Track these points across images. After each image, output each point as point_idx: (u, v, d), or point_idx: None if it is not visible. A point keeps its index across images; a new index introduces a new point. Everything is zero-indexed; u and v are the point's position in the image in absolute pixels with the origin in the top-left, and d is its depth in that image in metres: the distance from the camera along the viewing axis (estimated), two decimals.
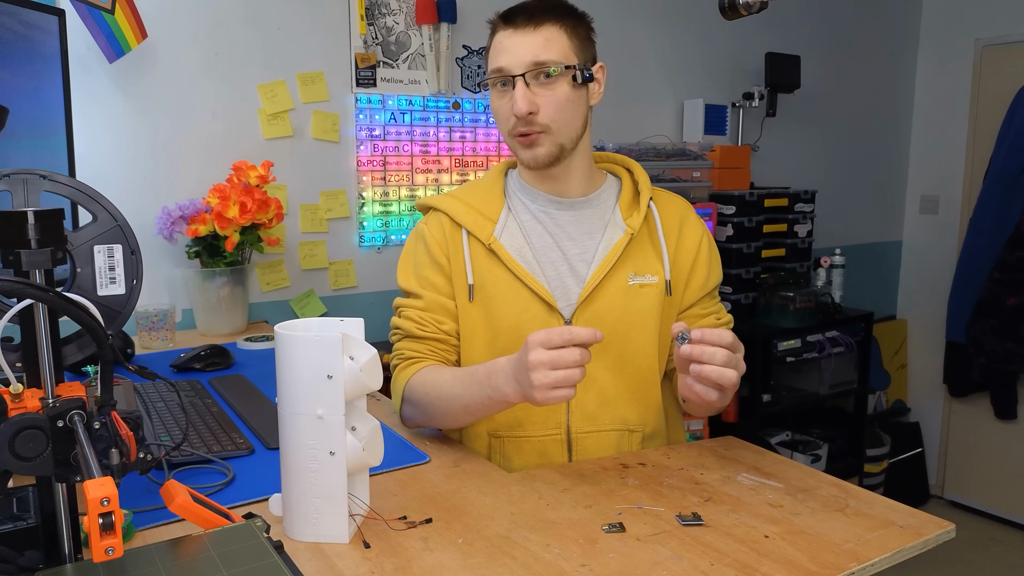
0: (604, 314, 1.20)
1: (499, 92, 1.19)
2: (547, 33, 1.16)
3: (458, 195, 1.29)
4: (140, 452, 0.68)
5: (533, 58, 1.14)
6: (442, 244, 1.25)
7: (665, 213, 1.27)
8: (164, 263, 1.99)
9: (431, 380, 1.17)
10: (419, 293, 1.25)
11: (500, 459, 1.22)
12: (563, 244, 1.24)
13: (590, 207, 1.26)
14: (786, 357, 2.71)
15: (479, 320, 1.22)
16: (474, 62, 2.43)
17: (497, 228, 1.24)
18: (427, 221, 1.29)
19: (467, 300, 1.22)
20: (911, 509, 0.97)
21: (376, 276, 2.34)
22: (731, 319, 1.31)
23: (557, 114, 1.17)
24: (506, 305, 1.21)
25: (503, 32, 1.18)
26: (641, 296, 1.22)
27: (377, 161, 2.28)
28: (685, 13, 2.89)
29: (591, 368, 1.19)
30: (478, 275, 1.22)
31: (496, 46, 1.19)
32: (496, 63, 1.18)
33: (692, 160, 2.71)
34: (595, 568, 0.82)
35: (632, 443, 1.23)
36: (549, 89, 1.16)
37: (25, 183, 0.80)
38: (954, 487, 3.61)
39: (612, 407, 1.22)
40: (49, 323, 0.71)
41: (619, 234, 1.23)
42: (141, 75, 1.93)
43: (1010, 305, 3.04)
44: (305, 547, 0.86)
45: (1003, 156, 3.17)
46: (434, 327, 1.23)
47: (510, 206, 1.27)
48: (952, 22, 3.55)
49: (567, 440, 1.21)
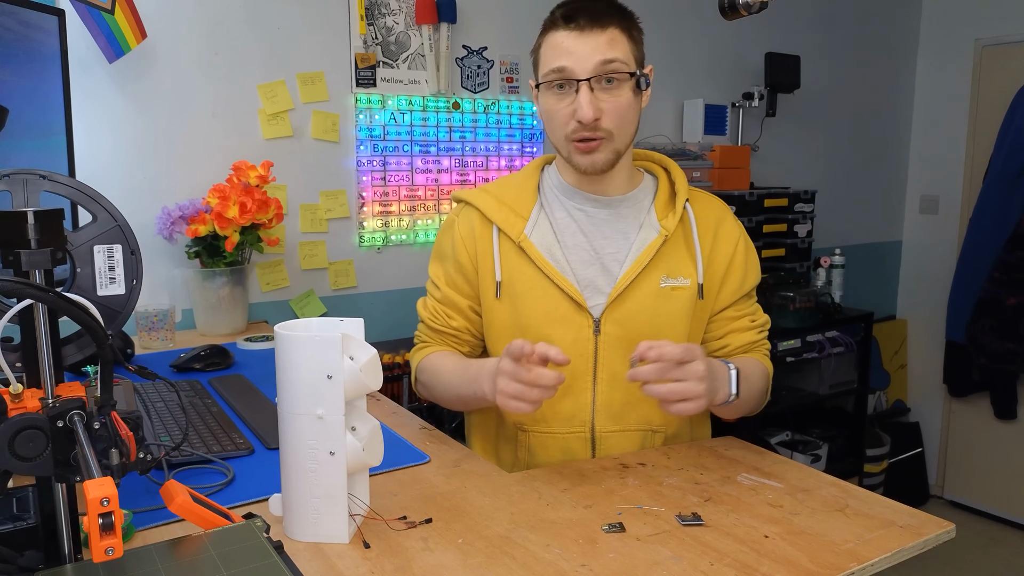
0: (634, 315, 1.19)
1: (556, 94, 1.15)
2: (611, 35, 1.12)
3: (492, 190, 1.28)
4: (140, 452, 0.68)
5: (600, 61, 1.11)
6: (469, 243, 1.26)
7: (701, 215, 1.25)
8: (164, 263, 1.99)
9: (435, 367, 1.26)
10: (438, 285, 1.31)
11: (525, 454, 1.24)
12: (597, 243, 1.22)
13: (627, 206, 1.24)
14: (786, 357, 2.71)
15: (506, 317, 1.23)
16: (474, 62, 2.43)
17: (528, 226, 1.23)
18: (459, 214, 1.30)
19: (494, 297, 1.23)
20: (911, 509, 0.97)
21: (376, 276, 2.34)
22: (767, 320, 1.30)
23: (620, 120, 1.15)
24: (534, 303, 1.21)
25: (564, 32, 1.13)
26: (672, 299, 1.21)
27: (377, 161, 2.28)
28: (685, 13, 2.89)
29: (619, 368, 1.20)
30: (507, 272, 1.22)
31: (556, 46, 1.13)
32: (557, 63, 1.13)
33: (692, 160, 2.71)
34: (595, 568, 0.82)
35: (655, 443, 1.24)
36: (612, 95, 1.13)
37: (25, 183, 0.80)
38: (954, 487, 3.61)
39: (638, 407, 1.22)
40: (49, 323, 0.71)
41: (653, 235, 1.22)
42: (141, 75, 1.93)
43: (1010, 305, 3.04)
44: (305, 547, 0.86)
45: (1003, 156, 3.16)
46: (444, 320, 1.30)
47: (543, 203, 1.26)
48: (952, 22, 3.55)
49: (591, 438, 1.22)
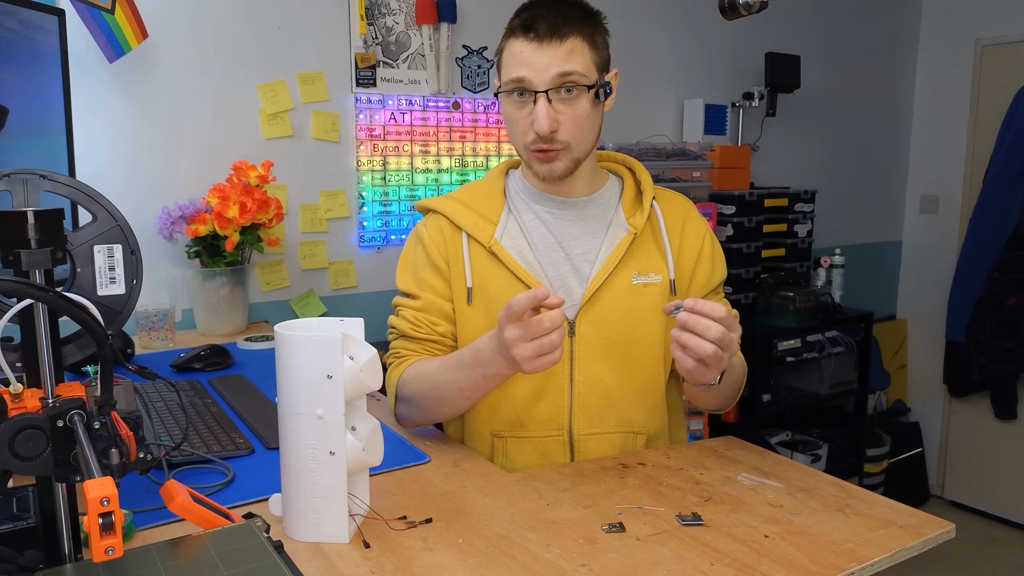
0: (607, 314, 1.20)
1: (516, 102, 1.16)
2: (571, 46, 1.11)
3: (457, 197, 1.27)
4: (140, 452, 0.68)
5: (558, 74, 1.11)
6: (441, 247, 1.24)
7: (668, 212, 1.26)
8: (164, 263, 1.99)
9: (423, 371, 1.18)
10: (416, 294, 1.25)
11: (502, 459, 1.22)
12: (566, 244, 1.23)
13: (593, 207, 1.25)
14: (786, 357, 2.71)
15: (479, 323, 1.21)
16: (474, 62, 2.43)
17: (498, 230, 1.23)
18: (426, 223, 1.29)
19: (465, 303, 1.21)
20: (911, 509, 0.97)
21: (376, 276, 2.34)
22: (737, 314, 1.31)
23: (577, 131, 1.15)
24: None
25: (523, 42, 1.12)
26: (645, 295, 1.21)
27: (377, 161, 2.28)
28: (685, 13, 2.89)
29: (595, 369, 1.20)
30: (478, 278, 1.21)
31: (516, 55, 1.13)
32: (516, 73, 1.13)
33: (692, 160, 2.71)
34: (595, 568, 0.82)
35: (636, 445, 1.23)
36: (570, 106, 1.13)
37: (25, 183, 0.80)
38: (954, 487, 3.61)
39: (617, 409, 1.21)
40: (49, 323, 0.71)
41: (622, 233, 1.23)
42: (141, 75, 1.93)
43: (1010, 305, 3.04)
44: (305, 547, 0.86)
45: (1003, 156, 3.17)
46: (428, 328, 1.23)
47: (511, 207, 1.26)
48: (952, 22, 3.55)
49: (569, 441, 1.21)
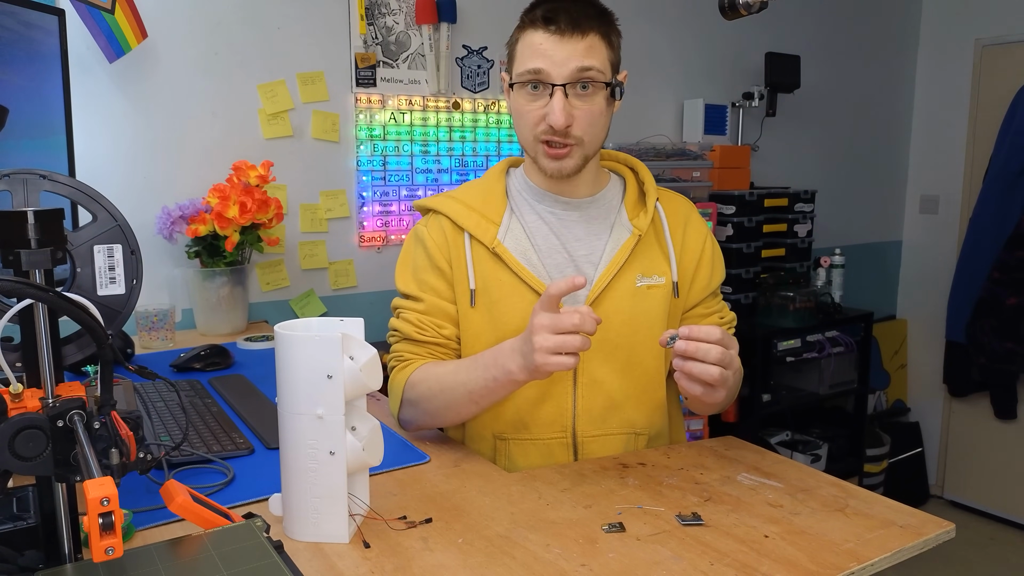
0: (611, 316, 1.19)
1: (529, 95, 1.14)
2: (591, 42, 1.11)
3: (458, 196, 1.26)
4: (140, 452, 0.68)
5: (577, 68, 1.10)
6: (443, 248, 1.23)
7: (670, 213, 1.26)
8: (164, 263, 1.99)
9: (432, 373, 1.16)
10: (419, 296, 1.23)
11: (505, 461, 1.22)
12: (570, 245, 1.22)
13: (596, 207, 1.24)
14: (786, 357, 2.71)
15: (483, 324, 1.20)
16: (474, 62, 2.43)
17: (500, 231, 1.21)
18: (427, 223, 1.27)
19: (468, 305, 1.20)
20: (911, 509, 0.97)
21: (376, 276, 2.34)
22: (734, 317, 1.31)
23: (591, 128, 1.14)
24: (511, 309, 1.19)
25: (544, 34, 1.11)
26: (648, 297, 1.21)
27: (377, 161, 2.28)
28: (685, 13, 2.89)
29: (599, 372, 1.19)
30: (481, 279, 1.20)
31: (534, 47, 1.12)
32: (533, 64, 1.11)
33: (692, 160, 2.71)
34: (595, 568, 0.82)
35: (638, 446, 1.22)
36: (586, 102, 1.13)
37: (25, 183, 0.80)
38: (954, 487, 3.61)
39: (620, 410, 1.21)
40: (49, 323, 0.71)
41: (626, 235, 1.22)
42: (141, 75, 1.93)
43: (1010, 305, 3.04)
44: (305, 547, 0.86)
45: (1003, 156, 3.17)
46: (434, 331, 1.22)
47: (513, 207, 1.25)
48: (952, 22, 3.55)
49: (573, 443, 1.20)
